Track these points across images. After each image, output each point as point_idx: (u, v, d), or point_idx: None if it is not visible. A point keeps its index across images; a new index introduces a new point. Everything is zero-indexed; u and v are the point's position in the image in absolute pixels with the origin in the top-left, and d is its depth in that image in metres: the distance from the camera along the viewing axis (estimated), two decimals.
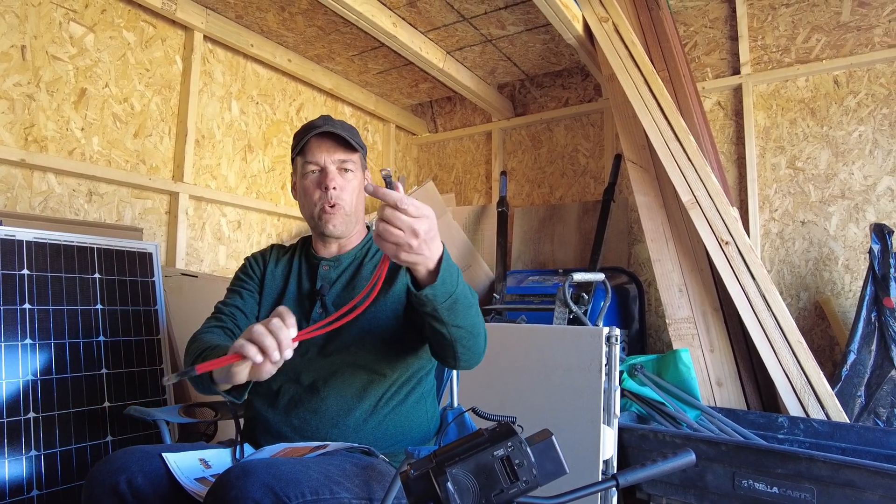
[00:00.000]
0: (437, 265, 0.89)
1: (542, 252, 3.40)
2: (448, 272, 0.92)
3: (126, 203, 2.41)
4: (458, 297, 0.95)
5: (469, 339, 1.03)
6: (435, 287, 0.90)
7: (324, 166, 1.21)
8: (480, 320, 1.05)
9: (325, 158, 1.20)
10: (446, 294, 0.93)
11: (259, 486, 0.79)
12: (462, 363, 1.07)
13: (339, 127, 1.23)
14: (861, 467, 1.52)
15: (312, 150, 1.21)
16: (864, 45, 2.64)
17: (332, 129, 1.20)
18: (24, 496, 1.48)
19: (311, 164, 1.21)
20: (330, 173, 1.20)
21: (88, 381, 1.70)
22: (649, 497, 1.90)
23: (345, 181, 1.22)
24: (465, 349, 1.04)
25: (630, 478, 0.72)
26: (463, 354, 1.04)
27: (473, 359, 1.08)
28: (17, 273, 1.63)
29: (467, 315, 0.99)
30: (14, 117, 2.07)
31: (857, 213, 2.61)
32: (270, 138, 3.10)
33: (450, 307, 0.95)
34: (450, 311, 0.96)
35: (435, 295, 0.91)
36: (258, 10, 2.70)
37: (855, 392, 2.19)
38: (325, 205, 1.20)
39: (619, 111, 2.72)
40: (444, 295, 0.93)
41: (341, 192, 1.21)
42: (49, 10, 2.17)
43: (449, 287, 0.93)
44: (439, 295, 0.92)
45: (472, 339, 1.03)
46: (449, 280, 0.92)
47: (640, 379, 2.20)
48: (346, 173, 1.22)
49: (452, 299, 0.94)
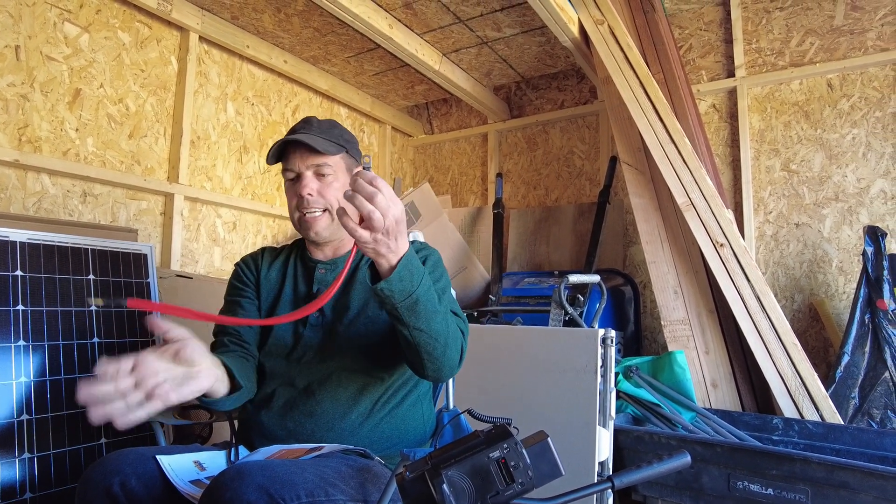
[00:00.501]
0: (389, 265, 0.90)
1: (537, 254, 3.41)
2: (407, 270, 0.91)
3: (121, 204, 2.40)
4: (418, 298, 0.94)
5: (433, 347, 1.00)
6: (391, 282, 0.90)
7: (299, 172, 1.19)
8: (449, 331, 1.03)
9: (300, 164, 1.19)
10: (404, 293, 0.92)
11: (254, 487, 0.78)
12: (429, 372, 1.05)
13: (317, 130, 1.21)
14: (855, 468, 1.53)
15: (288, 156, 1.20)
16: (858, 49, 2.65)
17: (305, 135, 1.18)
18: (16, 499, 1.47)
19: (288, 171, 1.21)
20: (304, 179, 1.18)
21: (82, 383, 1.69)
22: (645, 499, 1.90)
23: (323, 185, 1.20)
24: (429, 357, 1.01)
25: (626, 479, 0.72)
26: (428, 362, 1.02)
27: (442, 370, 1.06)
28: (10, 274, 1.62)
29: (431, 320, 0.98)
30: (8, 118, 2.06)
31: (850, 215, 2.62)
32: (266, 139, 3.10)
33: (410, 308, 0.94)
34: (410, 312, 0.95)
35: (392, 291, 0.91)
36: (254, 11, 2.70)
37: (849, 394, 2.20)
38: (304, 211, 1.19)
39: (614, 113, 2.73)
40: (403, 293, 0.92)
41: (319, 196, 1.19)
42: (43, 10, 2.16)
43: (407, 286, 0.92)
44: (396, 292, 0.91)
45: (437, 348, 1.01)
46: (408, 278, 0.92)
47: (635, 381, 2.20)
48: (324, 177, 1.20)
49: (412, 300, 0.94)
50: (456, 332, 1.07)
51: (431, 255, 1.25)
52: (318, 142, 1.17)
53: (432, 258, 1.24)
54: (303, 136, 1.17)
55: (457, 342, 1.07)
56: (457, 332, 1.08)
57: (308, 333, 1.18)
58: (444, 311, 1.03)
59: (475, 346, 1.41)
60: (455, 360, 1.07)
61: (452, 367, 1.07)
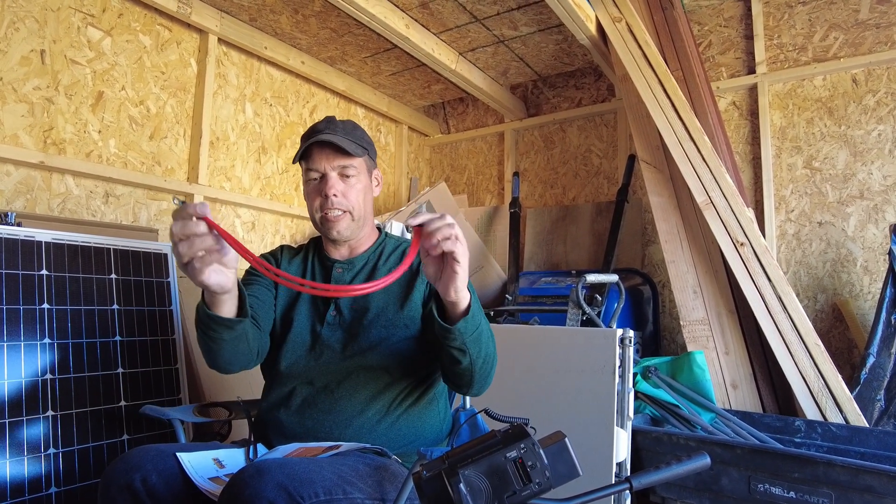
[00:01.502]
0: (467, 302, 0.95)
1: (554, 253, 3.39)
2: (477, 305, 0.97)
3: (142, 204, 2.44)
4: (482, 328, 1.00)
5: (486, 367, 1.07)
6: (467, 321, 0.95)
7: (324, 173, 1.20)
8: (495, 348, 1.10)
9: (325, 165, 1.20)
10: (475, 326, 0.97)
11: (273, 485, 0.79)
12: (475, 390, 1.11)
13: (341, 130, 1.22)
14: (881, 472, 1.49)
15: (313, 156, 1.21)
16: (884, 43, 2.59)
17: (332, 135, 1.19)
18: (42, 493, 1.50)
19: (312, 171, 1.21)
20: (330, 180, 1.20)
21: (105, 381, 1.72)
22: (663, 500, 1.88)
23: (347, 186, 1.21)
24: (481, 376, 1.07)
25: (644, 480, 0.71)
26: (479, 381, 1.08)
27: (486, 385, 1.12)
28: (36, 273, 1.66)
29: (489, 345, 1.04)
30: (33, 120, 2.10)
31: (875, 213, 2.57)
32: (284, 140, 3.12)
33: (476, 339, 0.99)
34: (475, 343, 1.00)
35: (466, 328, 0.96)
36: (272, 13, 2.72)
37: (874, 396, 2.15)
38: (327, 212, 1.20)
39: (632, 111, 2.70)
40: (473, 327, 0.97)
41: (343, 197, 1.20)
42: (68, 15, 2.21)
43: (477, 319, 0.97)
44: (470, 328, 0.96)
45: (490, 367, 1.08)
46: (478, 312, 0.97)
47: (654, 381, 2.18)
48: (348, 178, 1.22)
49: (479, 331, 0.99)
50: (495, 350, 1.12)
51: None
52: (345, 143, 1.19)
53: None
54: (330, 137, 1.18)
55: (496, 356, 1.12)
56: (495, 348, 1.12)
57: (326, 332, 1.19)
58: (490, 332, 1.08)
59: None
60: (492, 376, 1.13)
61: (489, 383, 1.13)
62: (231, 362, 1.10)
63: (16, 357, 1.55)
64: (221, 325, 1.00)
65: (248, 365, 1.15)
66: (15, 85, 2.05)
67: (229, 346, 1.05)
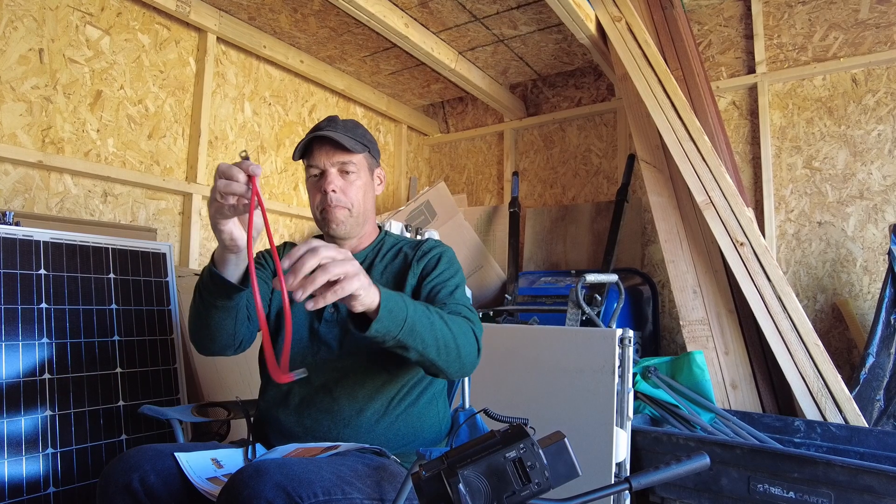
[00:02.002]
0: (376, 304, 0.86)
1: (554, 253, 3.39)
2: (390, 299, 0.88)
3: (140, 204, 2.44)
4: (412, 319, 0.91)
5: (447, 352, 0.99)
6: (380, 321, 0.87)
7: (324, 169, 1.21)
8: (453, 329, 1.01)
9: (325, 161, 1.21)
10: (397, 322, 0.89)
11: (272, 485, 0.79)
12: (451, 375, 1.05)
13: (342, 128, 1.22)
14: (880, 472, 1.49)
15: (313, 152, 1.22)
16: (884, 43, 2.59)
17: (332, 132, 1.19)
18: (41, 493, 1.50)
19: (312, 168, 1.22)
20: (329, 176, 1.20)
21: (103, 380, 1.72)
22: (663, 500, 1.88)
23: (346, 183, 1.22)
24: (447, 362, 1.00)
25: (643, 481, 0.71)
26: (447, 366, 1.01)
27: (464, 368, 1.05)
28: (34, 273, 1.65)
29: (437, 329, 0.97)
30: (32, 119, 2.10)
31: (875, 213, 2.57)
32: (283, 139, 3.12)
33: (410, 331, 0.92)
34: (412, 335, 0.92)
35: (384, 328, 0.88)
36: (271, 12, 2.72)
37: (874, 396, 2.15)
38: (326, 207, 1.20)
39: (632, 111, 2.70)
40: (395, 324, 0.89)
41: (342, 193, 1.21)
42: (66, 14, 2.20)
43: (397, 314, 0.89)
44: (389, 326, 0.88)
45: (454, 350, 1.00)
46: (398, 308, 0.89)
47: (653, 381, 2.18)
48: (348, 175, 1.22)
49: (408, 324, 0.91)
50: (463, 328, 1.05)
51: (445, 252, 1.26)
52: (344, 139, 1.19)
53: (446, 255, 1.25)
54: (330, 133, 1.19)
55: (468, 337, 1.05)
56: (463, 326, 1.05)
57: (323, 329, 1.18)
58: (438, 315, 1.00)
59: (491, 345, 1.41)
60: (473, 355, 1.07)
61: (473, 363, 1.08)
62: (213, 338, 1.10)
63: (14, 357, 1.55)
64: (221, 287, 1.00)
65: (226, 350, 1.14)
66: (13, 84, 2.05)
67: (219, 315, 1.05)
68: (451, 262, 1.25)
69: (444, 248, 1.27)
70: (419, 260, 1.23)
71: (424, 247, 1.27)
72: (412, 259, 1.23)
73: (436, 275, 1.21)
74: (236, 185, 0.87)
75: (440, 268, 1.22)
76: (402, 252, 1.28)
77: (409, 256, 1.26)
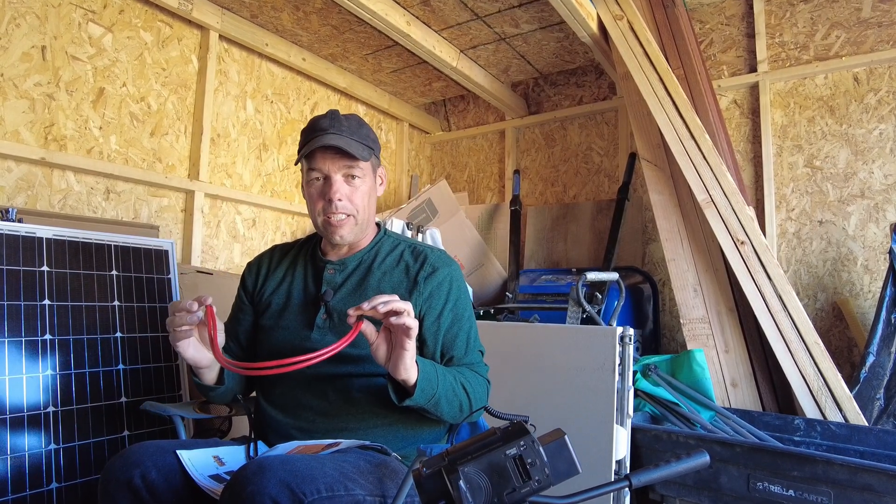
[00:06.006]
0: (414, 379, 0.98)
1: (555, 251, 3.39)
2: (429, 377, 1.01)
3: (143, 201, 2.44)
4: (438, 395, 1.03)
5: (458, 416, 1.10)
6: (416, 399, 0.99)
7: (328, 175, 1.16)
8: (472, 397, 1.10)
9: (330, 167, 1.15)
10: (427, 397, 1.01)
11: (275, 482, 0.80)
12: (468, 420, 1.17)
13: (347, 130, 1.16)
14: (880, 471, 1.50)
15: (316, 157, 1.16)
16: (886, 42, 2.59)
17: (338, 136, 1.13)
18: (43, 488, 1.50)
19: (315, 172, 1.17)
20: (335, 184, 1.15)
21: (106, 377, 1.73)
22: (662, 498, 1.89)
23: (352, 189, 1.17)
24: (452, 419, 1.11)
25: (643, 478, 0.72)
26: (451, 421, 1.12)
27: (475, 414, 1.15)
28: (37, 270, 1.66)
29: (454, 402, 1.07)
30: (34, 116, 2.10)
31: (876, 212, 2.57)
32: (285, 137, 3.12)
33: (435, 404, 1.03)
34: (435, 407, 1.04)
35: (416, 402, 1.00)
36: (273, 10, 2.72)
37: (874, 394, 2.15)
38: (330, 216, 1.16)
39: (633, 109, 2.70)
40: (425, 399, 1.01)
41: (348, 201, 1.16)
42: (68, 11, 2.20)
43: (428, 392, 1.01)
44: (421, 400, 1.00)
45: (462, 414, 1.10)
46: (428, 386, 1.00)
47: (653, 379, 2.18)
48: (353, 180, 1.17)
49: (435, 399, 1.02)
50: (479, 391, 1.13)
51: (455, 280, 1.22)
52: (352, 145, 1.14)
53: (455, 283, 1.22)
54: (336, 140, 1.13)
55: (481, 399, 1.13)
56: (480, 389, 1.13)
57: (316, 336, 1.17)
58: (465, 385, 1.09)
59: (492, 343, 1.41)
60: (483, 400, 1.14)
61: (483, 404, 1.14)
62: (222, 402, 1.30)
63: (17, 353, 1.55)
64: (205, 389, 1.19)
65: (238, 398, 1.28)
66: (16, 81, 2.05)
67: (217, 396, 1.23)
68: (460, 292, 1.21)
69: (451, 271, 1.21)
70: (426, 281, 1.17)
71: (429, 264, 1.20)
72: (416, 275, 1.18)
73: (448, 315, 1.17)
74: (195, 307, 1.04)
75: (450, 303, 1.18)
76: (403, 260, 1.22)
77: (411, 268, 1.20)
